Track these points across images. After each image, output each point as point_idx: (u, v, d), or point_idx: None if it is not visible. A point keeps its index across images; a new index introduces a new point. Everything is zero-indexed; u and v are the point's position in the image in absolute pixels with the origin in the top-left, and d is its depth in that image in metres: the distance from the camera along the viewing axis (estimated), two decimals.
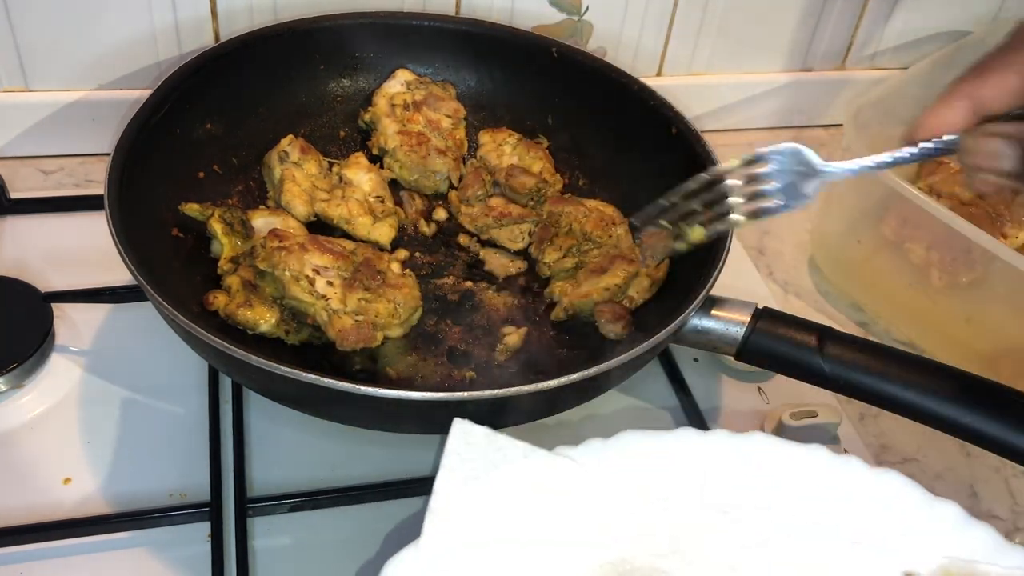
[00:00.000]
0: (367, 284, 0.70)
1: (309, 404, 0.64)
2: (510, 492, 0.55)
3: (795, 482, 0.58)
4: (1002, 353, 0.80)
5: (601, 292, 0.74)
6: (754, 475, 0.58)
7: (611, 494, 0.56)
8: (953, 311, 0.83)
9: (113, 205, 0.65)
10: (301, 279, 0.68)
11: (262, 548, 0.63)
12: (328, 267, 0.70)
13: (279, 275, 0.68)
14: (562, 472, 0.56)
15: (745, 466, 0.58)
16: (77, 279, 0.77)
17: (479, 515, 0.54)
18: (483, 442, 0.56)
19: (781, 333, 0.66)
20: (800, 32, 1.06)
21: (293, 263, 0.69)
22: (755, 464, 0.59)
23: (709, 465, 0.58)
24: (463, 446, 0.56)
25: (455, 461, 0.55)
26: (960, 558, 0.56)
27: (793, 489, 0.58)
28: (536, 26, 0.98)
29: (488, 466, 0.55)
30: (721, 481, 0.58)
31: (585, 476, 0.56)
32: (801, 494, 0.58)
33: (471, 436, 0.56)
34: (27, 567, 0.60)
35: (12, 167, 0.90)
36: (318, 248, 0.71)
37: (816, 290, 0.93)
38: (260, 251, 0.70)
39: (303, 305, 0.68)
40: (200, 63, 0.79)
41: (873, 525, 0.57)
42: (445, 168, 0.86)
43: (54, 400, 0.70)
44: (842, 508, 0.58)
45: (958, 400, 0.61)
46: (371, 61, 0.90)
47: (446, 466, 0.55)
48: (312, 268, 0.69)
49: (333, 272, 0.70)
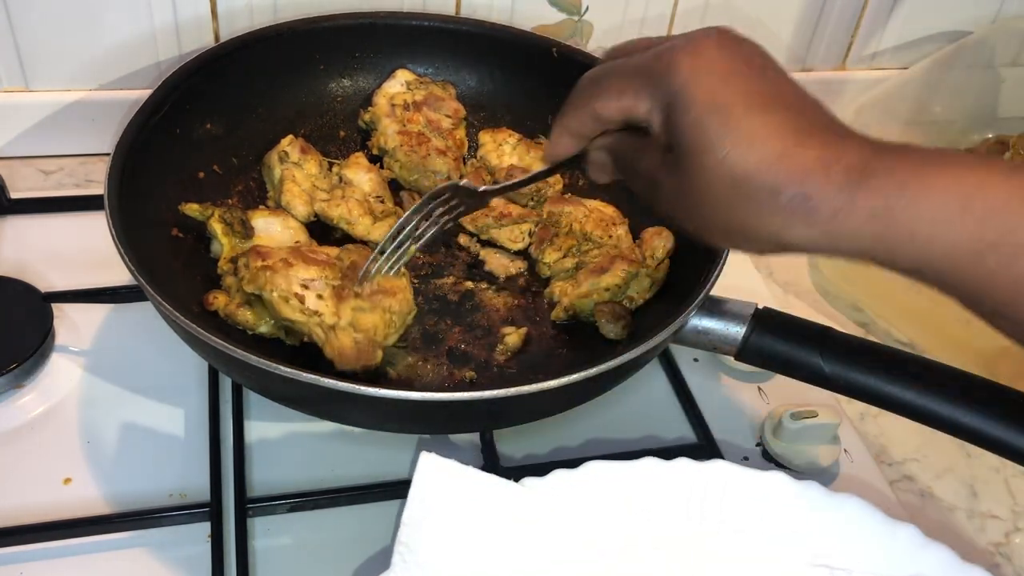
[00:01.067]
0: (358, 291, 0.69)
1: (309, 404, 0.64)
2: (478, 523, 0.56)
3: (756, 507, 0.60)
4: (1002, 353, 0.80)
5: (601, 292, 0.74)
6: (716, 501, 0.60)
7: (577, 525, 0.57)
8: (953, 311, 0.82)
9: (113, 205, 0.65)
10: (291, 298, 0.66)
11: (262, 548, 0.63)
12: (315, 278, 0.68)
13: (268, 297, 0.66)
14: (528, 504, 0.57)
15: (707, 493, 0.60)
16: (77, 279, 0.77)
17: (447, 546, 0.55)
18: (451, 474, 0.57)
19: (781, 333, 0.66)
20: (800, 32, 1.06)
21: (280, 282, 0.66)
22: (717, 491, 0.60)
23: (672, 493, 0.60)
24: (431, 479, 0.56)
25: (423, 493, 0.56)
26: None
27: (754, 514, 0.59)
28: (536, 26, 0.98)
29: (456, 497, 0.56)
30: (683, 509, 0.59)
31: (553, 507, 0.57)
32: (762, 518, 0.59)
33: (438, 467, 0.57)
34: (27, 567, 0.60)
35: (12, 167, 0.90)
36: (302, 260, 0.68)
37: (816, 290, 0.93)
38: (244, 272, 0.68)
39: (297, 325, 0.67)
40: (200, 63, 0.79)
41: (832, 548, 0.59)
42: (445, 168, 0.86)
43: (54, 400, 0.70)
44: (802, 531, 0.59)
45: (958, 400, 0.61)
46: (371, 61, 0.90)
47: (414, 498, 0.56)
48: (300, 283, 0.67)
49: (321, 283, 0.68)
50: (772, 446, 0.73)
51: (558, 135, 0.59)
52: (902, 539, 0.58)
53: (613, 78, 0.53)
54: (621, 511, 0.58)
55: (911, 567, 0.57)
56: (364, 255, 0.72)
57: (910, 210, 0.44)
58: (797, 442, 0.73)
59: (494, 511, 0.56)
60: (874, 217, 0.45)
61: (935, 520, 0.73)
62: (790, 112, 0.47)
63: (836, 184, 0.45)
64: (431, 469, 0.57)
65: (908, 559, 0.58)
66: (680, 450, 0.72)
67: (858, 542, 0.58)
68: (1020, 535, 0.73)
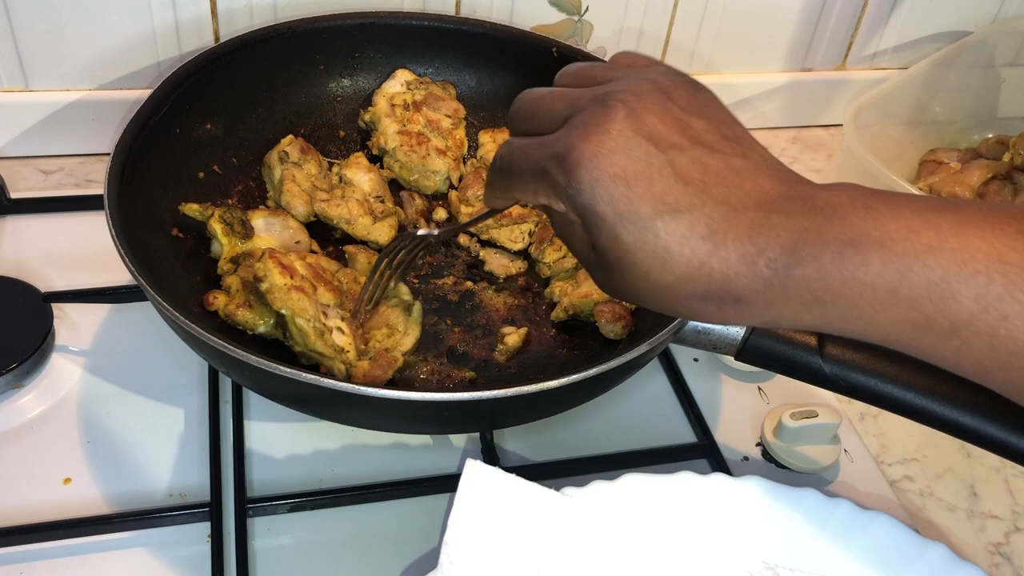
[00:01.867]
0: (360, 322, 0.70)
1: (309, 404, 0.64)
2: (520, 530, 0.57)
3: (788, 523, 0.60)
4: None
5: (601, 292, 0.74)
6: (749, 515, 0.60)
7: (616, 535, 0.58)
8: None
9: (113, 205, 0.65)
10: (325, 333, 0.66)
11: (262, 548, 0.63)
12: (330, 305, 0.69)
13: (301, 325, 0.66)
14: (569, 513, 0.58)
15: (741, 507, 0.61)
16: (77, 279, 0.77)
17: (490, 551, 0.56)
18: (494, 480, 0.58)
19: (781, 333, 0.66)
20: (800, 32, 1.06)
21: (309, 308, 0.66)
22: (750, 505, 0.61)
23: (708, 507, 0.60)
24: (475, 484, 0.57)
25: (468, 497, 0.57)
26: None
27: (786, 529, 0.60)
28: (536, 26, 0.98)
29: (499, 503, 0.57)
30: (720, 523, 0.60)
31: (591, 517, 0.58)
32: (793, 534, 0.60)
33: (483, 474, 0.58)
34: (27, 567, 0.60)
35: (12, 167, 0.90)
36: (323, 283, 0.69)
37: None
38: (271, 288, 0.66)
39: (323, 358, 0.67)
40: (200, 63, 0.79)
41: (863, 567, 0.59)
42: (445, 168, 0.86)
43: (54, 400, 0.70)
44: (834, 547, 0.60)
45: (958, 400, 0.61)
46: (371, 61, 0.90)
47: (459, 501, 0.57)
48: (321, 310, 0.68)
49: (335, 312, 0.69)
50: (772, 446, 0.73)
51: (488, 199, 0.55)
52: (933, 558, 0.59)
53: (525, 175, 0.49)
54: (657, 524, 0.59)
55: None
56: (357, 279, 0.73)
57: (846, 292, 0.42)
58: (797, 442, 0.73)
59: (536, 518, 0.57)
60: (811, 301, 0.43)
61: (935, 520, 0.73)
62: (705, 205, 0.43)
63: (764, 279, 0.43)
64: (476, 476, 0.58)
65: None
66: (680, 450, 0.73)
67: (888, 561, 0.59)
68: (1020, 535, 0.73)
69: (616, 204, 0.44)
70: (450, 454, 0.71)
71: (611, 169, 0.44)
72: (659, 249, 0.44)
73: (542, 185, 0.47)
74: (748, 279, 0.43)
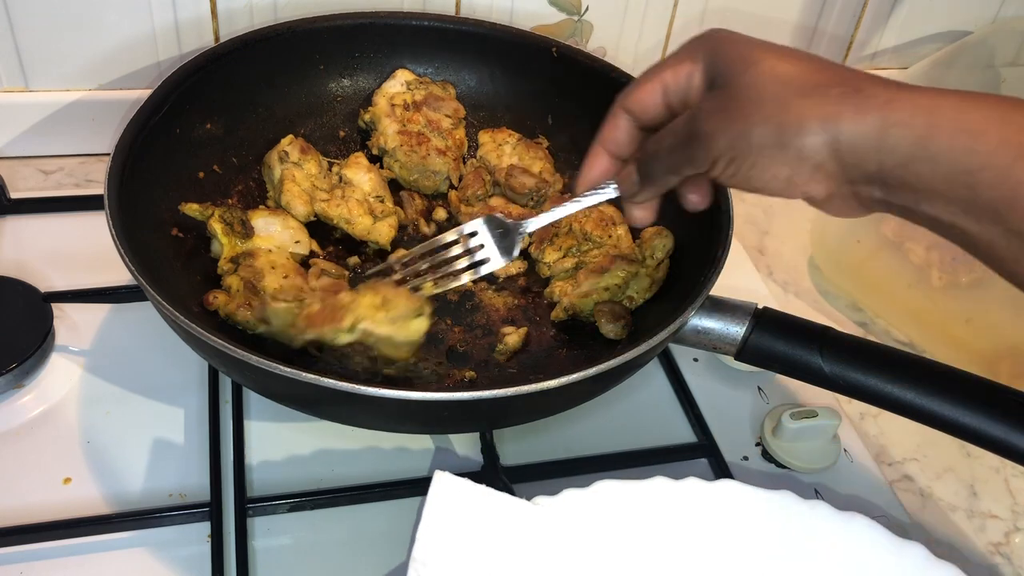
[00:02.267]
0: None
1: (309, 404, 0.64)
2: (491, 541, 0.56)
3: (764, 527, 0.60)
4: (1002, 353, 0.80)
5: (601, 292, 0.74)
6: (726, 520, 0.60)
7: (588, 544, 0.58)
8: (953, 311, 0.83)
9: (113, 205, 0.65)
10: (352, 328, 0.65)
11: (262, 548, 0.63)
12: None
13: (333, 339, 0.65)
14: (541, 520, 0.58)
15: (717, 512, 0.60)
16: (77, 279, 0.77)
17: (461, 563, 0.55)
18: (464, 492, 0.57)
19: (781, 333, 0.66)
20: (800, 32, 1.06)
21: (346, 322, 0.65)
22: (726, 509, 0.60)
23: (683, 513, 0.60)
24: (444, 495, 0.57)
25: (437, 509, 0.56)
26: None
27: (763, 533, 0.60)
28: (536, 26, 0.98)
29: (469, 514, 0.57)
30: (695, 528, 0.60)
31: (564, 525, 0.58)
32: (771, 537, 0.60)
33: (452, 486, 0.57)
34: (27, 567, 0.60)
35: (12, 167, 0.90)
36: (341, 302, 0.67)
37: (816, 290, 0.93)
38: (302, 320, 0.65)
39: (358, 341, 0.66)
40: (200, 63, 0.79)
41: (840, 567, 0.59)
42: (445, 168, 0.86)
43: (54, 400, 0.70)
44: (811, 549, 0.59)
45: (958, 400, 0.61)
46: (371, 61, 0.90)
47: (428, 514, 0.56)
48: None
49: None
50: (772, 446, 0.73)
51: (592, 155, 0.61)
52: (911, 558, 0.59)
53: (645, 73, 0.57)
54: (632, 531, 0.59)
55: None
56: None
57: (956, 110, 0.46)
58: (797, 442, 0.73)
59: (507, 529, 0.57)
60: (923, 112, 0.46)
61: (935, 520, 0.73)
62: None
63: (883, 84, 0.48)
64: (445, 487, 0.57)
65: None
66: (680, 450, 0.73)
67: (866, 562, 0.59)
68: (1020, 535, 0.73)
69: (749, 39, 0.54)
70: (449, 454, 0.71)
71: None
72: (789, 52, 0.51)
73: (668, 61, 0.56)
74: (870, 80, 0.49)
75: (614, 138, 0.60)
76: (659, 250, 0.77)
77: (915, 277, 0.84)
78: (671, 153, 0.55)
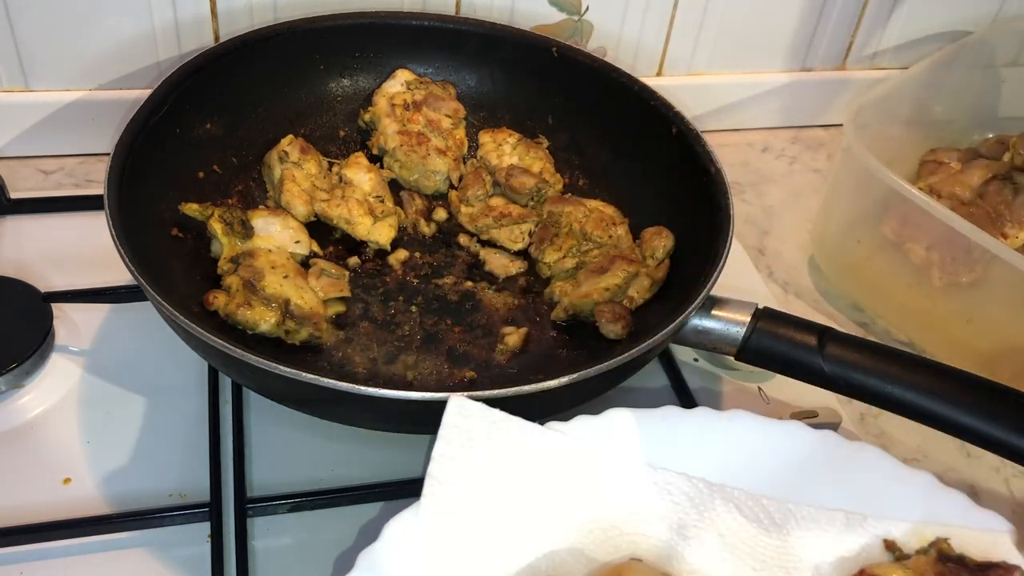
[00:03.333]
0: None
1: (309, 404, 0.64)
2: (504, 459, 0.57)
3: (775, 454, 0.61)
4: (1002, 353, 0.80)
5: (601, 292, 0.74)
6: (736, 448, 0.61)
7: (600, 464, 0.59)
8: (953, 311, 0.83)
9: (113, 205, 0.65)
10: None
11: (262, 548, 0.63)
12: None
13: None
14: (554, 442, 0.59)
15: (727, 440, 0.61)
16: (77, 279, 0.77)
17: (475, 480, 0.56)
18: (478, 415, 0.58)
19: (781, 333, 0.66)
20: (800, 32, 1.06)
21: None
22: (736, 438, 0.61)
23: (693, 440, 0.61)
24: (459, 418, 0.57)
25: (452, 432, 0.57)
26: (933, 520, 0.58)
27: (773, 461, 0.61)
28: (536, 26, 0.98)
29: (483, 436, 0.57)
30: (705, 454, 0.60)
31: (576, 447, 0.59)
32: (781, 465, 0.60)
33: (466, 409, 0.58)
34: (27, 567, 0.60)
35: (12, 167, 0.90)
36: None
37: (816, 290, 0.93)
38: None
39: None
40: (200, 63, 0.79)
41: (850, 492, 0.60)
42: (445, 168, 0.86)
43: (54, 400, 0.70)
44: (820, 477, 0.60)
45: (958, 400, 0.61)
46: (371, 61, 0.90)
47: (443, 436, 0.57)
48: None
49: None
50: None
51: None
52: (918, 485, 0.60)
53: None
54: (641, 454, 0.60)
55: (927, 510, 0.59)
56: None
57: None
58: None
59: (519, 449, 0.58)
60: None
61: None
62: None
63: None
64: (460, 409, 0.58)
65: (924, 503, 0.59)
66: None
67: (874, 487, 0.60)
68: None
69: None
70: None
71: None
72: None
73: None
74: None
75: None
76: (659, 250, 0.77)
77: (915, 277, 0.84)
78: None
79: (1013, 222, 0.90)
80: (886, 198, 0.84)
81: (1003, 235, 0.89)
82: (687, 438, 0.61)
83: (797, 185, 1.07)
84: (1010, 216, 0.90)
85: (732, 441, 0.61)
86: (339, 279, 0.75)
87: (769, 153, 1.11)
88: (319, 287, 0.74)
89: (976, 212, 0.90)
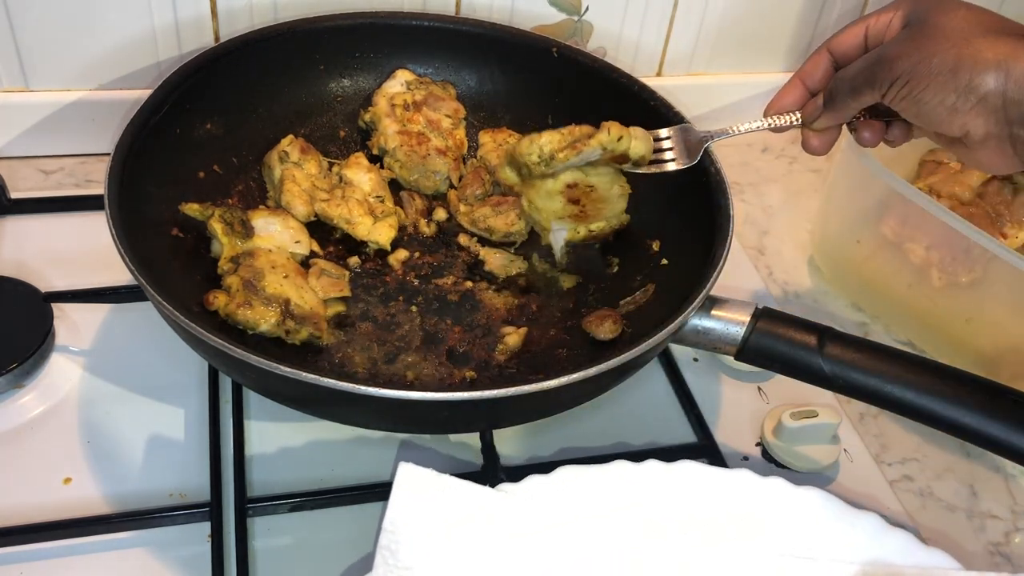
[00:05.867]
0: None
1: (309, 404, 0.64)
2: (456, 525, 0.57)
3: (723, 502, 0.62)
4: (1002, 353, 0.80)
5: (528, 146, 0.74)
6: (685, 498, 0.62)
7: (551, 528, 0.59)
8: (953, 311, 0.83)
9: (113, 205, 0.65)
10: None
11: (262, 548, 0.63)
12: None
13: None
14: (506, 505, 0.59)
15: (676, 491, 0.62)
16: (77, 279, 0.77)
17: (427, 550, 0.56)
18: (429, 482, 0.58)
19: (781, 333, 0.66)
20: (800, 32, 1.06)
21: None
22: (685, 488, 0.62)
23: (643, 492, 0.62)
24: (409, 485, 0.58)
25: (402, 499, 0.57)
26: (880, 562, 0.59)
27: (722, 509, 0.62)
28: (536, 26, 0.98)
29: (434, 503, 0.58)
30: (655, 506, 0.61)
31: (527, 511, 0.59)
32: (730, 513, 0.62)
33: (416, 476, 0.59)
34: (27, 567, 0.60)
35: (12, 167, 0.90)
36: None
37: (816, 290, 0.93)
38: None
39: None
40: (200, 63, 0.79)
41: (797, 538, 0.61)
42: (445, 168, 0.86)
43: (54, 400, 0.70)
44: (768, 524, 0.61)
45: (958, 400, 0.61)
46: (371, 61, 0.90)
47: (394, 504, 0.57)
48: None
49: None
50: (772, 446, 0.73)
51: (787, 85, 0.69)
52: (865, 526, 0.61)
53: (853, 22, 0.66)
54: (594, 514, 0.60)
55: (874, 552, 0.60)
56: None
57: None
58: (797, 442, 0.73)
59: (471, 516, 0.58)
60: None
61: (935, 520, 0.73)
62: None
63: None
64: (410, 478, 0.58)
65: (871, 545, 0.60)
66: (680, 450, 0.73)
67: (821, 531, 0.61)
68: (1020, 535, 0.73)
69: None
70: (449, 454, 0.71)
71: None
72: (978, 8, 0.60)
73: (870, 15, 0.65)
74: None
75: (812, 72, 0.68)
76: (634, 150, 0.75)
77: (915, 277, 0.84)
78: (856, 75, 0.63)
79: (1013, 222, 0.90)
80: (886, 198, 0.84)
81: (1003, 235, 0.89)
82: (636, 491, 0.61)
83: (797, 185, 1.07)
84: (1010, 216, 0.90)
85: (681, 492, 0.62)
86: (339, 279, 0.75)
87: (769, 153, 1.11)
88: (319, 287, 0.74)
89: (976, 212, 0.90)
